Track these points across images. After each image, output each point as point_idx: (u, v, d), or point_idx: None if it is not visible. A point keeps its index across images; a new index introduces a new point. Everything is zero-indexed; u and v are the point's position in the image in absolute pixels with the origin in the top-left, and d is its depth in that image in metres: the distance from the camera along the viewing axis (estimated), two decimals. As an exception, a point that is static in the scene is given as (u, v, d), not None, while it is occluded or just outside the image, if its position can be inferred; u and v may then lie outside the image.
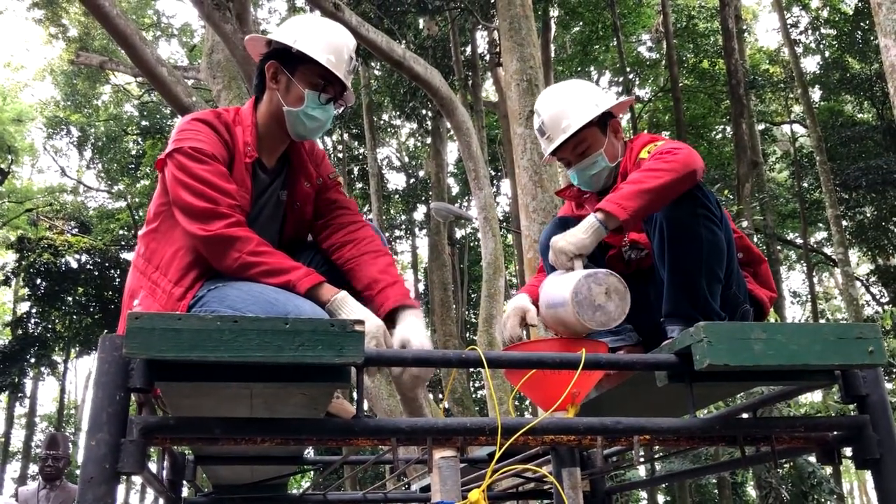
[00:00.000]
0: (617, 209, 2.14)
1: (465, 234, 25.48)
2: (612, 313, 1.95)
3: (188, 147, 2.10)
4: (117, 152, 23.91)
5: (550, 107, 2.60)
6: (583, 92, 2.60)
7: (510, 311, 2.43)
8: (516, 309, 2.41)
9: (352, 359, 1.50)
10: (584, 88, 2.63)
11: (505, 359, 1.76)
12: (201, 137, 2.14)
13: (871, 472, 1.82)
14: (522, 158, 11.16)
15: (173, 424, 1.53)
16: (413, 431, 1.61)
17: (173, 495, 2.80)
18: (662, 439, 1.83)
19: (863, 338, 1.73)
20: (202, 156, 2.10)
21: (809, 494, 14.75)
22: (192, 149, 2.09)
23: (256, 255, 2.02)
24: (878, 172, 18.13)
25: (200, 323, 1.46)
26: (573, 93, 2.60)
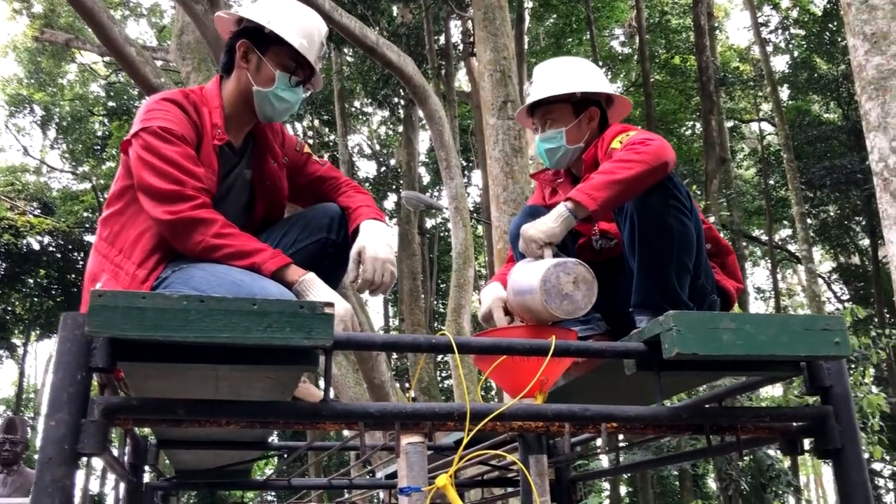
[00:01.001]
0: (586, 199, 2.14)
1: (436, 223, 25.46)
2: (579, 302, 1.95)
3: (156, 126, 2.05)
4: (82, 133, 23.48)
5: (549, 70, 2.62)
6: (581, 69, 2.60)
7: (491, 303, 2.41)
8: (496, 300, 2.41)
9: (321, 341, 1.48)
10: (584, 68, 2.62)
11: (474, 344, 1.75)
12: (169, 118, 2.10)
13: (833, 462, 1.85)
14: (494, 149, 11.16)
15: (136, 405, 1.49)
16: (381, 416, 1.60)
17: (135, 479, 2.76)
18: (629, 427, 1.83)
19: (829, 329, 1.75)
20: (170, 136, 2.06)
21: (768, 487, 15.02)
22: (161, 128, 2.05)
23: (221, 237, 1.99)
24: (842, 172, 18.44)
25: (165, 302, 1.43)
26: (572, 66, 2.61)
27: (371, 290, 2.08)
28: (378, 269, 2.06)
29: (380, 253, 2.08)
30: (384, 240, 2.14)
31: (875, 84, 5.09)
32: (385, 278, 2.07)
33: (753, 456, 14.02)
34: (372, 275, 2.06)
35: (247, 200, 2.36)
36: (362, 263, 2.08)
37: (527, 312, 2.05)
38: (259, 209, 2.37)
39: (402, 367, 22.85)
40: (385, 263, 2.07)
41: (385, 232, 2.18)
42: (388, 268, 2.07)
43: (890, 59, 5.05)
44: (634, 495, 24.15)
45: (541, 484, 2.14)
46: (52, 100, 24.08)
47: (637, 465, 4.18)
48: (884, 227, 4.99)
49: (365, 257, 2.08)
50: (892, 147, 4.95)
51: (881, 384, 16.52)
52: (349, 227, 2.29)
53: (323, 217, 2.33)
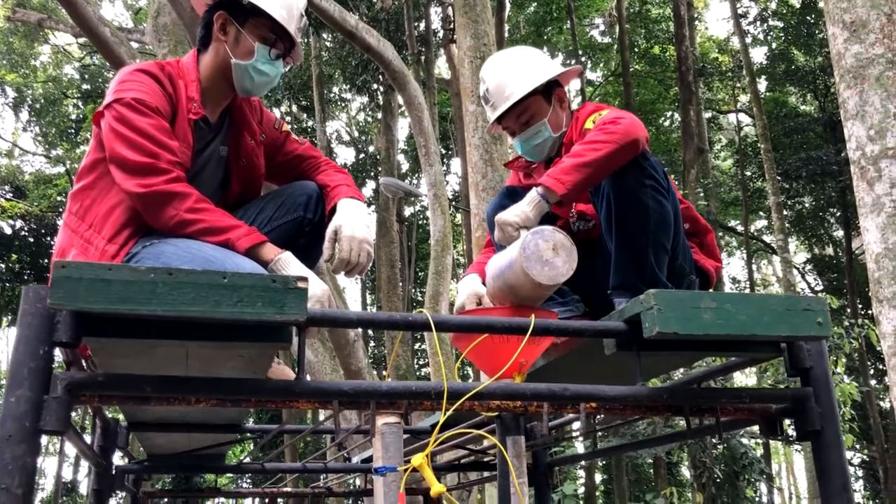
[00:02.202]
0: (555, 184, 2.12)
1: (414, 211, 25.39)
2: (560, 269, 1.92)
3: (130, 98, 1.99)
4: (56, 116, 23.10)
5: (495, 74, 2.55)
6: (528, 59, 2.55)
7: (465, 298, 2.38)
8: (471, 295, 2.37)
9: (294, 316, 1.43)
10: (530, 56, 2.57)
11: (452, 322, 1.72)
12: (144, 89, 2.03)
13: (812, 444, 1.83)
14: (474, 136, 11.12)
15: (101, 381, 1.44)
16: (356, 394, 1.56)
17: (104, 463, 2.70)
18: (609, 407, 1.81)
19: (810, 310, 1.73)
20: (144, 108, 1.99)
21: (741, 474, 15.20)
22: (135, 100, 1.99)
23: (195, 212, 1.94)
24: (818, 163, 18.61)
25: (132, 274, 1.38)
26: (518, 60, 2.55)
27: (347, 270, 2.04)
28: (355, 248, 2.01)
29: (357, 232, 2.03)
30: (362, 219, 2.09)
31: (854, 72, 5.10)
32: (361, 258, 2.02)
33: (727, 444, 14.17)
34: (348, 254, 2.01)
35: (222, 177, 2.30)
36: (338, 242, 2.04)
37: (509, 293, 2.01)
38: (234, 187, 2.31)
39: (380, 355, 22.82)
40: (362, 243, 2.03)
41: (363, 211, 2.14)
42: (365, 248, 2.03)
43: (869, 47, 5.06)
44: (609, 483, 24.34)
45: (518, 466, 2.11)
46: (25, 81, 23.65)
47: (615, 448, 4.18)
48: (860, 215, 5.02)
49: (341, 236, 2.03)
50: (869, 136, 4.97)
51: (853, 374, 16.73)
52: (326, 206, 2.24)
53: (300, 195, 2.28)
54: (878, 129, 4.91)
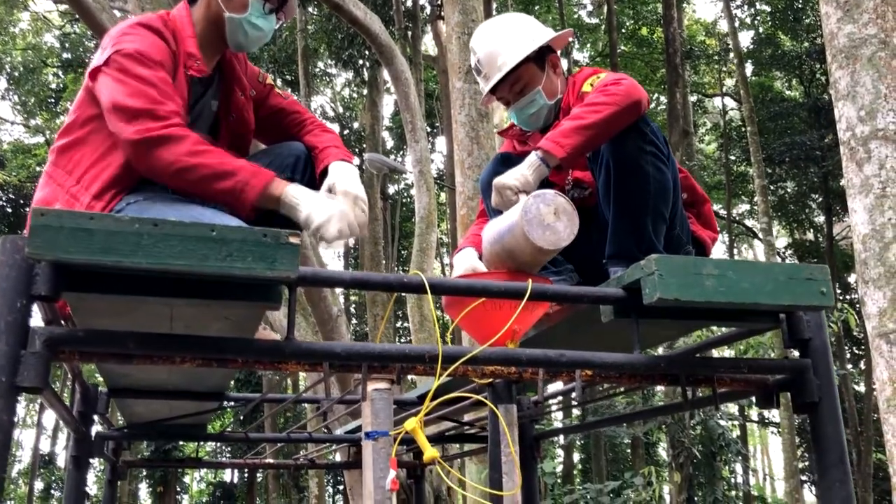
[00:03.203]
0: (554, 147, 2.07)
1: (398, 189, 25.28)
2: (562, 233, 1.87)
3: (132, 49, 1.90)
4: (35, 84, 22.69)
5: (485, 43, 2.47)
6: (518, 26, 2.47)
7: (462, 273, 2.32)
8: (468, 270, 2.32)
9: (285, 273, 1.37)
10: (520, 22, 2.50)
11: (448, 285, 1.66)
12: (147, 42, 1.95)
13: (809, 416, 1.81)
14: (460, 114, 11.03)
15: (82, 337, 1.38)
16: (347, 356, 1.50)
17: (84, 429, 2.64)
18: (604, 375, 1.77)
19: (812, 279, 1.70)
20: (147, 60, 1.91)
21: (718, 454, 15.37)
22: (137, 52, 1.90)
23: (195, 155, 1.82)
24: (801, 148, 18.69)
25: (116, 224, 1.31)
26: (508, 28, 2.47)
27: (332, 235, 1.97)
28: (350, 205, 1.95)
29: (351, 189, 1.97)
30: (355, 178, 2.03)
31: (846, 52, 5.07)
32: (357, 216, 1.95)
33: (705, 425, 14.30)
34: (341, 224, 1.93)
35: (211, 134, 2.23)
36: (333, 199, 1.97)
37: (508, 258, 1.96)
38: (223, 143, 2.23)
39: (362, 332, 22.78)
40: (357, 200, 1.96)
41: (355, 172, 2.08)
42: (360, 205, 1.96)
43: (862, 27, 5.02)
44: (587, 462, 24.55)
45: (510, 434, 2.07)
46: (3, 49, 23.19)
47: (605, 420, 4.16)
48: (848, 197, 5.00)
49: (336, 192, 1.96)
50: (859, 116, 4.94)
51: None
52: (316, 168, 2.17)
53: (288, 156, 2.21)
54: (868, 110, 4.89)
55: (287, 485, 22.26)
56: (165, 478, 25.00)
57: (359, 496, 9.59)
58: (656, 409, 2.98)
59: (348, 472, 9.75)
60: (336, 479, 23.99)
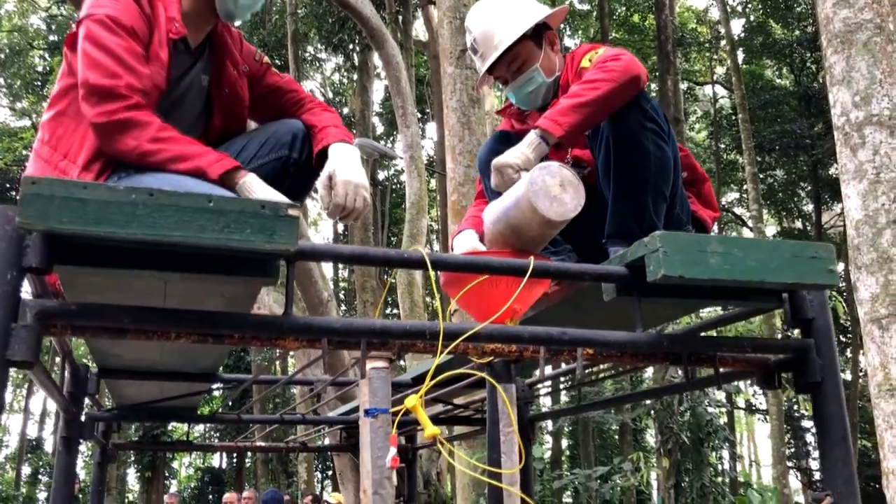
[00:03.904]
0: (553, 125, 2.04)
1: (388, 175, 25.20)
2: (568, 205, 1.84)
3: (103, 14, 1.86)
4: (21, 67, 22.44)
5: (481, 22, 2.43)
6: (514, 4, 2.43)
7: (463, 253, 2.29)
8: (469, 253, 2.29)
9: (284, 245, 1.33)
10: (516, 0, 2.47)
11: (449, 261, 1.63)
12: (119, 7, 1.90)
13: (812, 396, 1.79)
14: (452, 99, 10.98)
15: (75, 310, 1.34)
16: (347, 332, 1.47)
17: (74, 409, 2.60)
18: (606, 354, 1.75)
19: (817, 257, 1.68)
20: (115, 26, 1.86)
21: (706, 441, 15.48)
22: (107, 17, 1.86)
23: (157, 141, 1.81)
24: (791, 136, 18.73)
25: (110, 194, 1.27)
26: (504, 5, 2.43)
27: (342, 216, 1.94)
28: (350, 193, 1.91)
29: (352, 177, 1.93)
30: (356, 163, 1.98)
31: (841, 37, 5.05)
32: (358, 203, 1.91)
33: (693, 411, 14.39)
34: (344, 199, 1.90)
35: (202, 109, 2.18)
36: (333, 187, 1.93)
37: (510, 235, 1.93)
38: (216, 119, 2.19)
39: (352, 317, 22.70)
40: (358, 188, 1.92)
41: (356, 156, 2.03)
42: (362, 192, 1.93)
43: (857, 12, 5.00)
44: (575, 448, 24.67)
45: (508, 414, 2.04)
46: (-11, 30, 22.94)
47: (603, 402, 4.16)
48: (842, 182, 5.00)
49: (336, 181, 1.92)
50: (854, 102, 4.93)
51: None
52: (314, 148, 2.12)
53: (285, 134, 2.17)
54: (863, 96, 4.88)
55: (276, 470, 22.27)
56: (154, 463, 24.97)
57: (349, 481, 9.59)
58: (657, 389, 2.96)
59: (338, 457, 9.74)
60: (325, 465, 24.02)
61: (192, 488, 28.66)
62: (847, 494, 1.69)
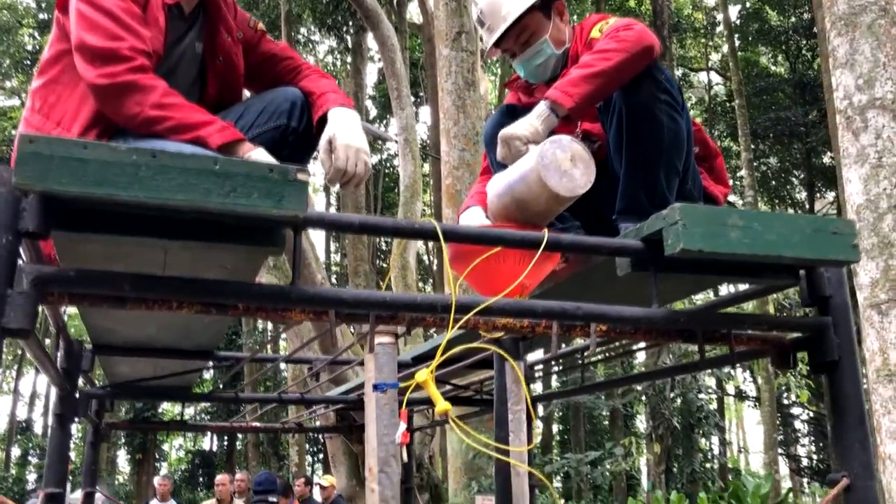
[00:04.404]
0: (563, 97, 1.98)
1: (381, 159, 25.07)
2: (579, 181, 1.78)
3: None
4: (11, 45, 22.16)
5: None
6: None
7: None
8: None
9: (293, 212, 1.28)
10: None
11: (461, 232, 1.58)
12: None
13: (827, 376, 1.75)
14: (447, 82, 10.89)
15: (73, 277, 1.28)
16: (356, 303, 1.41)
17: (68, 386, 2.54)
18: (620, 330, 1.70)
19: (838, 233, 1.63)
20: None
21: (696, 427, 15.55)
22: None
23: (161, 107, 1.74)
24: (786, 124, 18.70)
25: (112, 154, 1.21)
26: None
27: (343, 181, 1.87)
28: (352, 157, 1.85)
29: (353, 141, 1.87)
30: (357, 128, 1.92)
31: (845, 20, 4.99)
32: (359, 168, 1.85)
33: (684, 397, 14.44)
34: (345, 163, 1.84)
35: (197, 76, 2.11)
36: (334, 152, 1.87)
37: (516, 209, 1.87)
38: (211, 87, 2.12)
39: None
40: (359, 152, 1.86)
41: (356, 120, 1.97)
42: (363, 157, 1.87)
43: (862, -7, 4.95)
44: (565, 433, 24.76)
45: (516, 391, 2.00)
46: (-22, 8, 22.63)
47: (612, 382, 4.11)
48: (843, 166, 4.96)
49: (336, 145, 1.86)
50: (857, 85, 4.88)
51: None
52: (314, 115, 2.06)
53: (283, 102, 2.10)
54: (867, 79, 4.83)
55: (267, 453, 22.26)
56: (144, 445, 24.92)
57: (340, 464, 9.57)
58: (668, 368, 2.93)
59: (330, 441, 9.71)
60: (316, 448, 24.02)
61: (183, 471, 28.65)
62: (864, 477, 1.66)
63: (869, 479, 1.66)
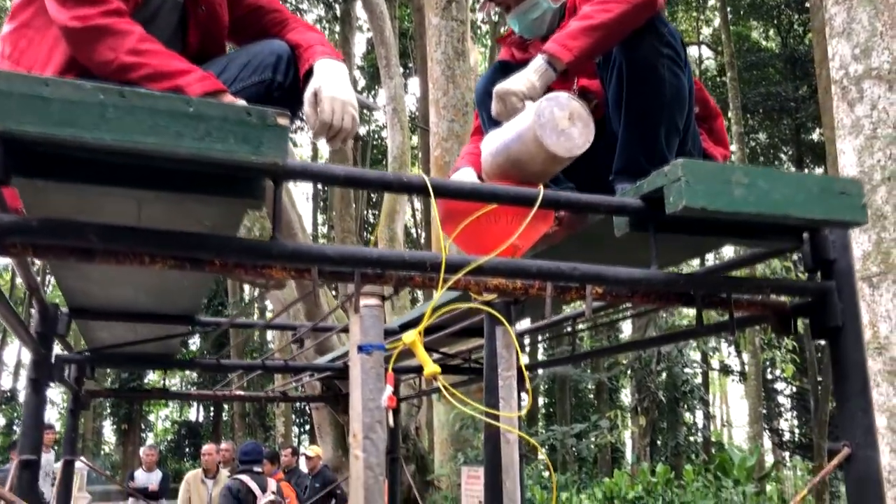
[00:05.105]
0: (561, 50, 1.89)
1: (369, 130, 24.86)
2: (577, 140, 1.70)
3: None
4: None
5: None
6: None
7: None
8: None
9: (272, 158, 1.19)
10: None
11: (453, 187, 1.49)
12: None
13: (830, 342, 1.69)
14: (436, 51, 10.73)
15: (35, 226, 1.19)
16: (341, 260, 1.33)
17: (43, 350, 2.45)
18: (616, 293, 1.63)
19: (846, 193, 1.56)
20: None
21: (681, 400, 15.65)
22: None
23: (137, 54, 1.63)
24: (776, 99, 18.63)
25: (77, 93, 1.11)
26: None
27: (329, 136, 1.78)
28: (338, 110, 1.74)
29: (339, 93, 1.77)
30: (344, 80, 1.83)
31: (843, -13, 4.90)
32: (346, 122, 1.75)
33: (670, 371, 14.51)
34: (331, 116, 1.73)
35: (178, 28, 2.00)
36: (319, 104, 1.77)
37: (511, 168, 1.79)
38: (192, 38, 2.01)
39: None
40: (346, 105, 1.76)
41: (344, 72, 1.87)
42: (350, 110, 1.77)
43: (861, -39, 4.86)
44: (551, 405, 24.88)
45: (507, 356, 1.94)
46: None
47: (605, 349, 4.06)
48: (837, 138, 4.89)
49: (322, 97, 1.76)
50: (853, 55, 4.80)
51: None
52: (300, 69, 1.96)
53: (269, 55, 1.99)
54: (863, 48, 4.75)
55: (253, 423, 22.27)
56: (130, 416, 24.88)
57: (327, 434, 9.54)
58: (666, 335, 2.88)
59: (316, 411, 9.67)
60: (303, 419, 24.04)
61: (169, 441, 28.66)
62: (866, 445, 1.60)
63: (871, 449, 1.60)
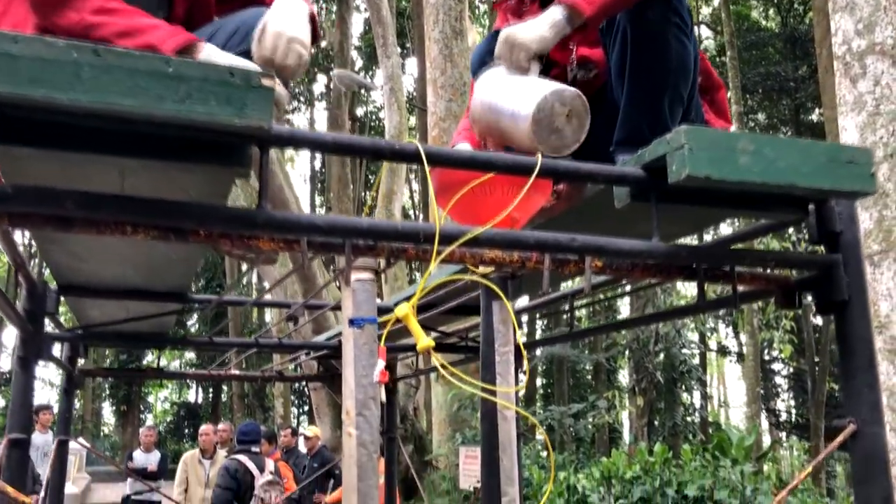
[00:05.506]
0: (581, 3, 1.76)
1: (367, 111, 24.73)
2: (568, 139, 1.64)
3: None
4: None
5: None
6: None
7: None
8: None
9: (257, 122, 1.13)
10: None
11: (448, 155, 1.43)
12: None
13: (836, 316, 1.64)
14: (434, 30, 10.62)
15: (10, 193, 1.13)
16: (331, 230, 1.28)
17: (31, 328, 2.40)
18: (617, 266, 1.58)
19: (854, 162, 1.51)
20: None
21: (678, 381, 15.67)
22: None
23: (103, 12, 1.54)
24: (776, 79, 18.52)
25: (49, 51, 1.06)
26: None
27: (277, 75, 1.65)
28: (281, 46, 1.57)
29: (286, 28, 1.59)
30: (297, 16, 1.65)
31: (847, -39, 4.82)
32: (290, 60, 1.58)
33: (668, 352, 14.51)
34: (272, 53, 1.57)
35: None
36: (262, 40, 1.59)
37: (494, 131, 1.72)
38: (178, 7, 1.94)
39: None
40: (291, 42, 1.58)
41: (301, 9, 1.68)
42: (296, 48, 1.59)
43: (865, -66, 4.77)
44: (549, 386, 24.94)
45: (504, 332, 1.89)
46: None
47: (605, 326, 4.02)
48: (839, 114, 4.83)
49: (266, 32, 1.60)
50: (857, 30, 4.73)
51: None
52: None
53: (257, 22, 1.92)
54: (867, 23, 4.68)
55: (252, 404, 22.30)
56: (129, 397, 24.92)
57: (325, 415, 9.53)
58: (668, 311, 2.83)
59: (314, 392, 9.66)
60: (301, 400, 24.08)
61: (168, 422, 28.73)
62: (872, 421, 1.56)
63: (877, 425, 1.56)
